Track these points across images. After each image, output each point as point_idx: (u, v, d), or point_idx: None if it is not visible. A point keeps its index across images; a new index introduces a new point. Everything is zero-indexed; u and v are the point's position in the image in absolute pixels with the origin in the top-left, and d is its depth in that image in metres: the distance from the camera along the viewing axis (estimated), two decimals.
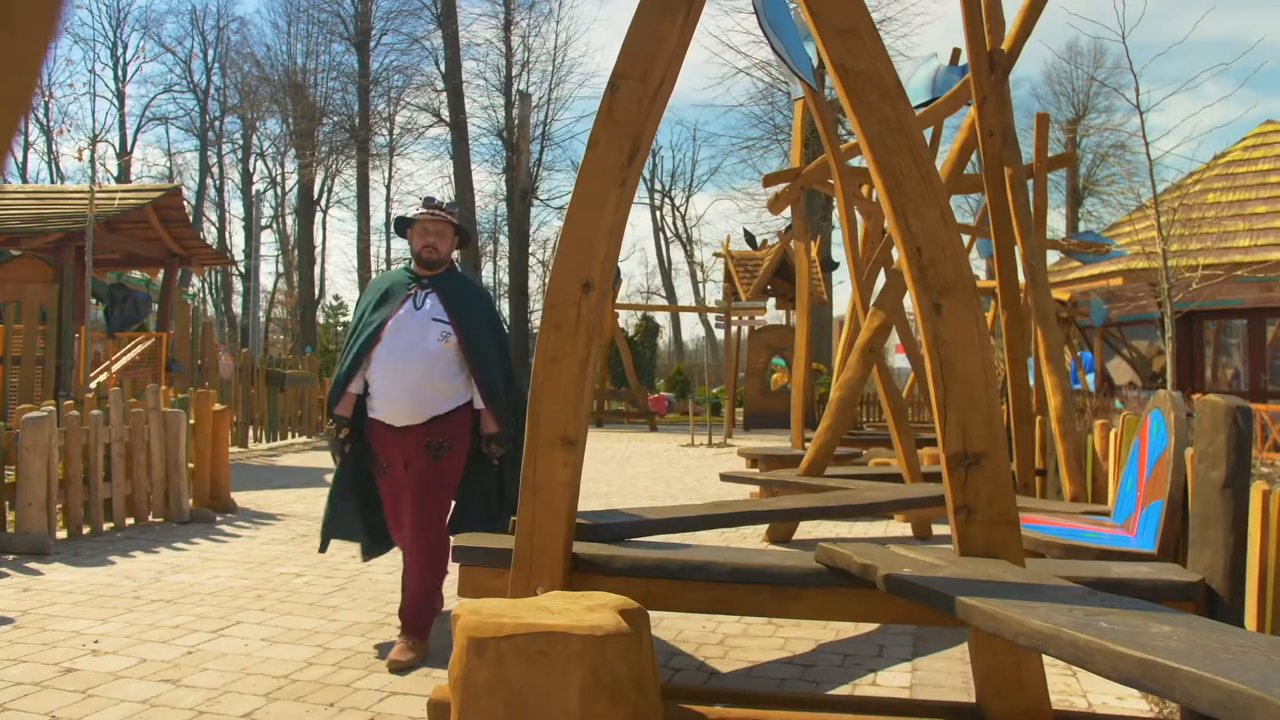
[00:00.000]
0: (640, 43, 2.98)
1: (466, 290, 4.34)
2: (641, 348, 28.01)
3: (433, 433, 4.07)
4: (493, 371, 4.16)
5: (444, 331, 4.09)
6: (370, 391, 4.12)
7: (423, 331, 4.08)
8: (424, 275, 4.25)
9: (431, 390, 4.05)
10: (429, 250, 4.25)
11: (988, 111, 6.28)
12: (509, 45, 34.47)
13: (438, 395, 4.07)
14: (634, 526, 3.68)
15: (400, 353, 4.05)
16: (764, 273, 21.10)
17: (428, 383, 4.05)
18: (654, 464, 12.99)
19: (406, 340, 4.07)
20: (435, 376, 4.06)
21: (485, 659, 2.41)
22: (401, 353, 4.05)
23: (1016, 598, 2.41)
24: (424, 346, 4.06)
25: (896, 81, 3.06)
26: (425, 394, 4.04)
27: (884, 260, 8.88)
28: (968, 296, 2.99)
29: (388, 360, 4.06)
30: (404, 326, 4.10)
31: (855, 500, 5.01)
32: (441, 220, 4.28)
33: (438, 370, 4.07)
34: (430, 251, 4.25)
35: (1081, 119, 34.49)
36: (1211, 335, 17.81)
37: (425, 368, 4.04)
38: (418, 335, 4.07)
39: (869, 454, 9.38)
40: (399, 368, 4.04)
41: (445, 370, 4.09)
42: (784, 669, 3.84)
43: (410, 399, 4.03)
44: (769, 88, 33.27)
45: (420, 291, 4.19)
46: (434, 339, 4.08)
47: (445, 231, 4.30)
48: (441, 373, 4.07)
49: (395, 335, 4.07)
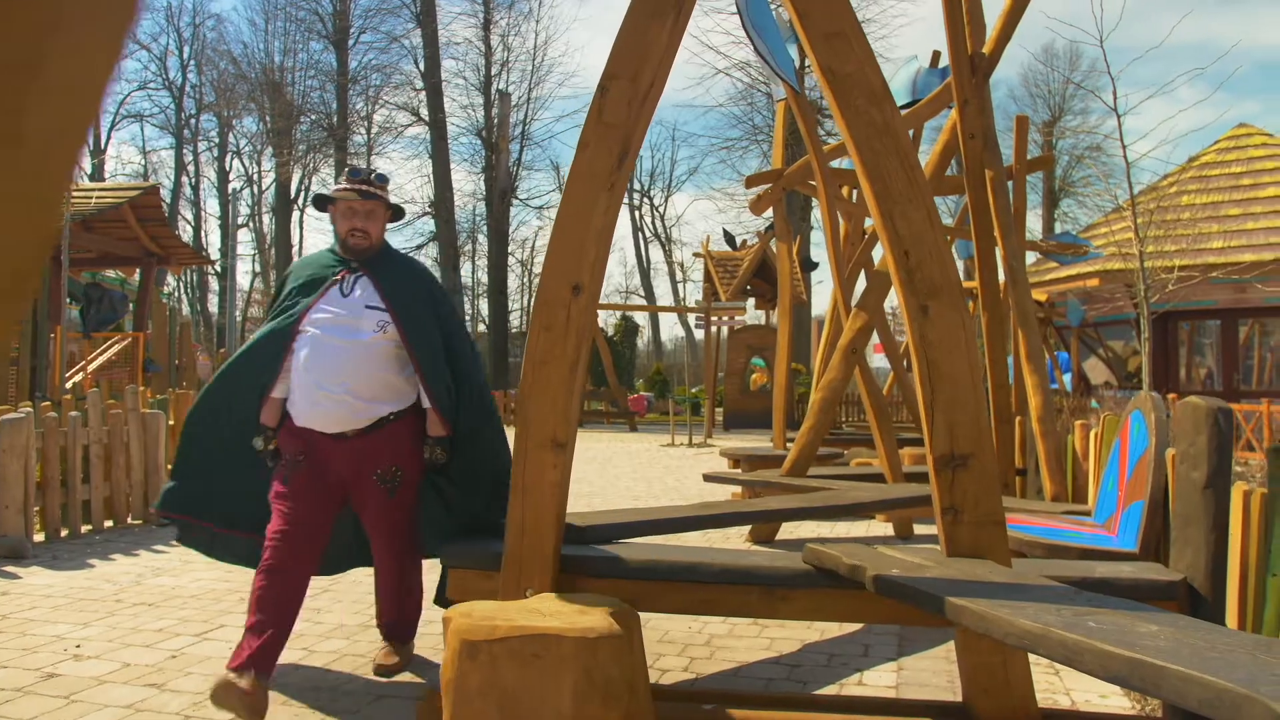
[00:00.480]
0: (630, 45, 2.99)
1: (404, 271, 3.71)
2: (621, 348, 28.03)
3: (378, 455, 3.51)
4: (438, 365, 3.58)
5: (380, 321, 3.50)
6: (293, 395, 3.51)
7: (354, 322, 3.49)
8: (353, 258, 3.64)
9: (369, 392, 3.48)
10: (357, 236, 3.58)
11: (969, 114, 6.32)
12: (488, 44, 34.44)
13: (376, 397, 3.50)
14: (622, 528, 3.68)
15: (327, 348, 3.45)
16: (744, 273, 21.17)
17: (363, 383, 3.46)
18: (635, 464, 13.01)
19: (334, 333, 3.47)
20: (373, 374, 3.49)
21: (478, 662, 2.41)
22: (328, 348, 3.45)
23: (1004, 598, 2.43)
24: (357, 339, 3.47)
25: (883, 84, 3.08)
26: (362, 396, 3.46)
27: (864, 261, 8.93)
28: (954, 298, 3.02)
29: (313, 357, 3.44)
30: (331, 317, 3.50)
31: (839, 501, 5.04)
32: (372, 198, 3.58)
33: (375, 366, 3.49)
34: (359, 238, 3.58)
35: (1057, 121, 34.79)
36: (1185, 336, 18.02)
37: (359, 364, 3.46)
38: (348, 326, 3.48)
39: (850, 454, 9.43)
40: (328, 366, 3.43)
41: (385, 366, 3.51)
42: (771, 669, 3.86)
43: (339, 404, 3.44)
44: (748, 88, 33.43)
45: (349, 276, 3.57)
46: (369, 330, 3.49)
47: (376, 211, 3.61)
48: (380, 369, 3.50)
49: (320, 327, 3.47)
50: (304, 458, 3.47)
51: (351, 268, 3.59)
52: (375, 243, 3.63)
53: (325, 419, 3.45)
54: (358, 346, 3.46)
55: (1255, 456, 11.16)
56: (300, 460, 3.48)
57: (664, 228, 45.39)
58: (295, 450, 3.49)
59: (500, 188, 32.59)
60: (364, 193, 3.56)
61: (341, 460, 3.49)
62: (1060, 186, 34.52)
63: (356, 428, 3.47)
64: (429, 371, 3.55)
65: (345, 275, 3.58)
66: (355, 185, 3.57)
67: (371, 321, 3.49)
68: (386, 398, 3.51)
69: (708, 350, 21.96)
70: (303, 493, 3.46)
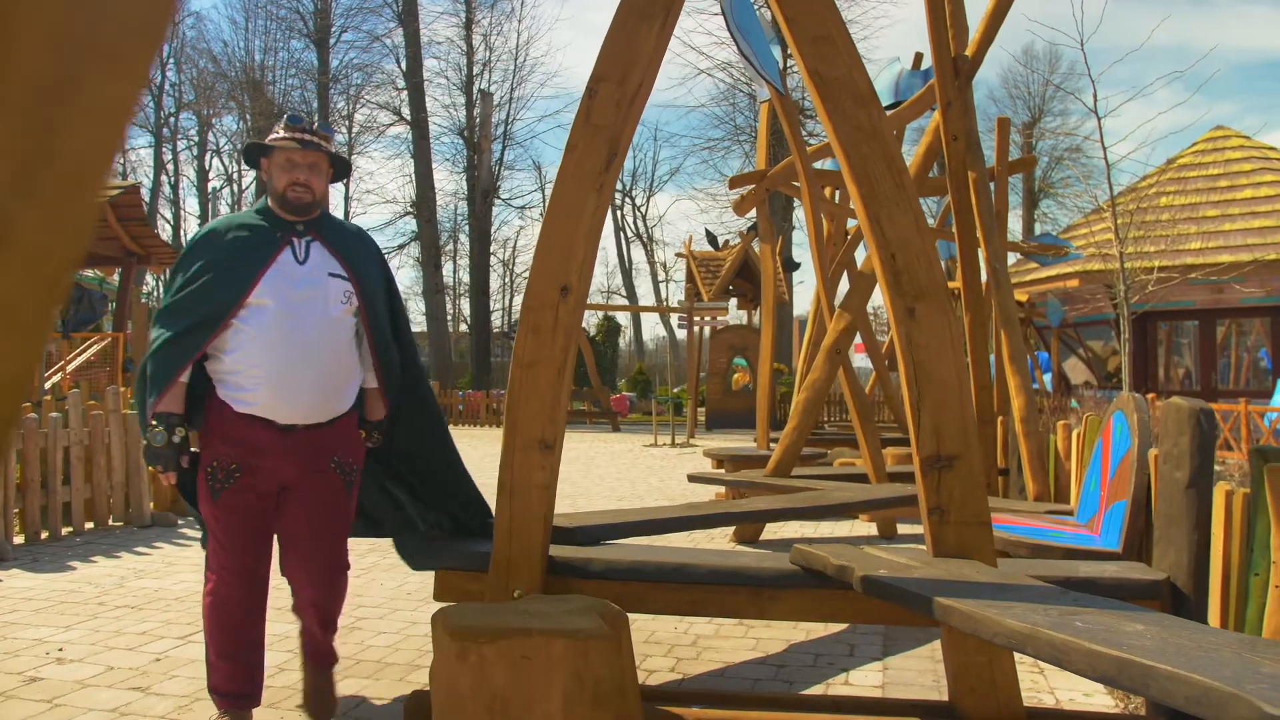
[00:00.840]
0: (618, 48, 3.00)
1: (355, 237, 3.27)
2: (603, 348, 28.03)
3: (332, 444, 3.11)
4: (390, 344, 3.26)
5: (345, 291, 3.08)
6: (239, 380, 2.96)
7: (318, 293, 3.03)
8: (293, 220, 3.10)
9: (341, 376, 3.10)
10: (298, 191, 3.06)
11: (952, 116, 6.36)
12: (470, 44, 34.33)
13: (347, 382, 3.14)
14: (609, 529, 3.69)
15: (297, 324, 2.97)
16: (726, 273, 21.22)
17: (335, 365, 3.07)
18: (618, 465, 13.01)
19: (301, 306, 2.99)
20: (341, 355, 3.09)
21: (468, 663, 2.41)
22: (295, 324, 2.97)
23: (991, 598, 2.45)
24: (325, 313, 3.03)
25: (870, 88, 3.10)
26: (335, 381, 3.08)
27: (847, 262, 8.97)
28: (941, 301, 3.04)
29: (281, 333, 2.95)
30: (293, 286, 3.00)
31: (824, 501, 5.06)
32: (314, 148, 3.10)
33: (343, 346, 3.10)
34: (300, 193, 3.06)
35: (1037, 122, 35.01)
36: (1164, 336, 18.17)
37: (330, 343, 3.04)
38: (313, 299, 3.02)
39: (833, 454, 9.46)
40: (297, 344, 2.96)
41: (349, 345, 3.13)
42: (757, 669, 3.87)
43: (315, 389, 3.01)
44: (730, 89, 33.50)
45: (298, 240, 3.07)
46: (336, 303, 3.06)
47: (319, 165, 3.12)
48: (346, 349, 3.12)
49: (280, 300, 2.97)
50: (237, 465, 2.99)
51: (298, 230, 3.08)
52: (318, 199, 3.13)
53: (291, 408, 2.98)
54: (327, 323, 3.03)
55: (1233, 455, 11.28)
56: (235, 470, 2.99)
57: (646, 228, 45.39)
58: (230, 454, 2.98)
59: (482, 187, 32.52)
60: (305, 142, 3.09)
61: (283, 456, 3.02)
62: (1040, 187, 34.75)
63: (320, 420, 3.06)
64: (383, 351, 3.20)
65: (293, 238, 3.06)
66: (295, 134, 3.09)
67: (338, 292, 3.06)
68: (352, 382, 3.17)
69: (690, 350, 21.99)
70: (245, 517, 3.01)
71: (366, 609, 4.77)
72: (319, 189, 3.13)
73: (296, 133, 3.10)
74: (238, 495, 2.99)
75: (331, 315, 3.04)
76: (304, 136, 3.10)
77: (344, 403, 3.13)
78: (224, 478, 2.98)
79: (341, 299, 3.06)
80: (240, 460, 2.97)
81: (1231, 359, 18.37)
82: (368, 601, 4.91)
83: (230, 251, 3.00)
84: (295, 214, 3.09)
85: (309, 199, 3.08)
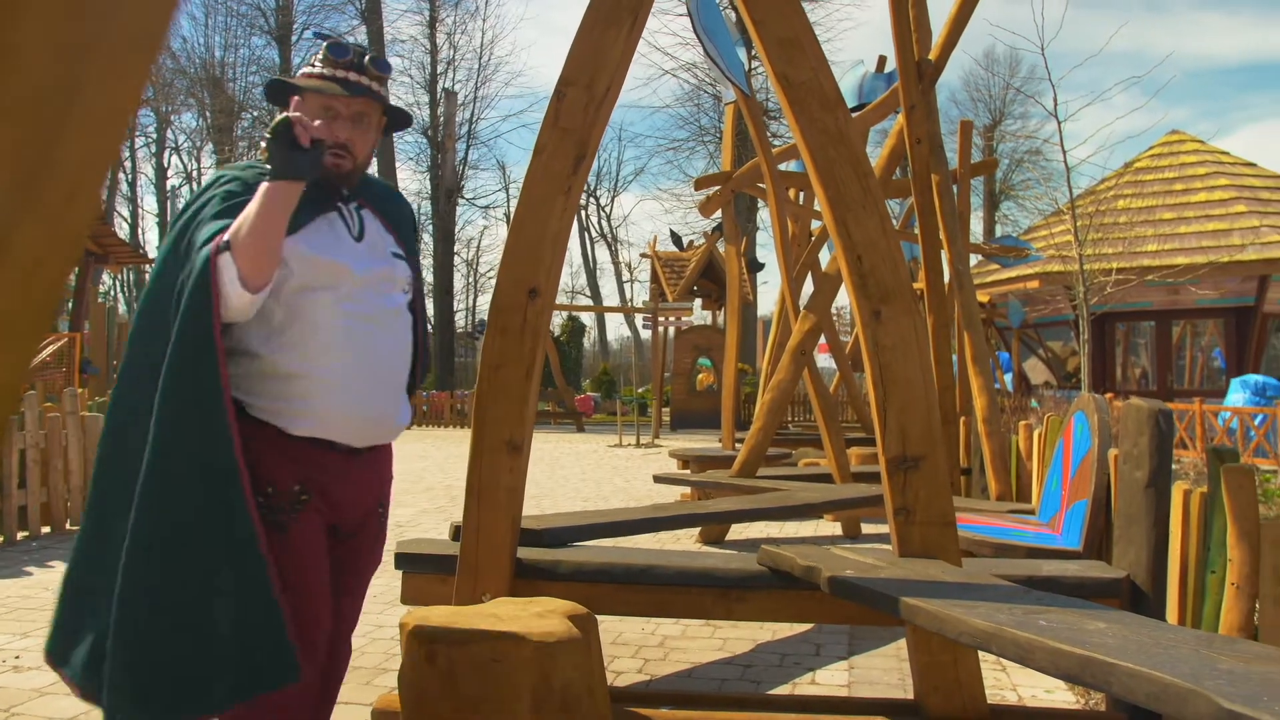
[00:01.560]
0: (585, 51, 3.00)
1: (393, 201, 2.52)
2: (568, 348, 28.00)
3: (384, 474, 2.50)
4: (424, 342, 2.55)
5: (408, 278, 2.43)
6: (288, 390, 2.16)
7: (387, 277, 2.34)
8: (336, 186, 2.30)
9: (403, 383, 2.42)
10: (335, 156, 2.22)
11: (915, 119, 6.42)
12: (434, 42, 34.14)
13: (403, 392, 2.43)
14: (577, 531, 3.69)
15: (363, 317, 2.25)
16: (691, 273, 21.28)
17: (402, 369, 2.41)
18: (583, 465, 13.00)
19: (365, 294, 2.26)
20: (405, 356, 2.42)
21: (436, 667, 2.40)
22: (364, 317, 2.25)
23: (956, 597, 2.48)
24: (394, 304, 2.37)
25: (837, 92, 3.12)
26: (399, 392, 2.40)
27: (812, 263, 9.03)
28: (907, 303, 3.07)
29: (346, 329, 2.21)
30: (356, 268, 2.25)
31: (790, 502, 5.09)
32: (364, 93, 2.25)
33: (406, 344, 2.42)
34: (342, 159, 2.24)
35: (998, 125, 35.42)
36: (1121, 336, 18.48)
37: (401, 341, 2.39)
38: (381, 285, 2.32)
39: (798, 454, 9.52)
40: (368, 344, 2.26)
41: (410, 344, 2.45)
42: (724, 669, 3.89)
43: (387, 401, 2.33)
44: (695, 89, 33.57)
45: (346, 208, 2.31)
46: (400, 290, 2.40)
47: (368, 115, 2.28)
48: (408, 348, 2.44)
49: (345, 283, 2.23)
50: (302, 485, 2.19)
51: (341, 193, 2.31)
52: (361, 166, 2.33)
53: (362, 427, 2.28)
54: (394, 316, 2.36)
55: (1188, 454, 11.49)
56: (301, 491, 2.19)
57: (611, 228, 45.41)
58: (290, 472, 2.18)
59: (446, 187, 32.36)
60: (351, 85, 2.24)
61: (349, 488, 2.31)
62: (1001, 189, 35.16)
63: (388, 440, 2.45)
64: (425, 353, 2.55)
65: (341, 205, 2.30)
66: (339, 72, 2.24)
67: (403, 279, 2.41)
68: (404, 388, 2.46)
69: (655, 351, 22.02)
70: (322, 554, 2.25)
71: None
72: (362, 151, 2.29)
73: (339, 69, 2.24)
74: (313, 517, 2.22)
75: (398, 306, 2.37)
76: (349, 76, 2.24)
77: (406, 417, 2.45)
78: (289, 504, 2.16)
79: (405, 286, 2.41)
80: (304, 479, 2.19)
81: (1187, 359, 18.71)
82: None
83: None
84: (338, 182, 2.27)
85: (348, 166, 2.26)
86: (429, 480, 10.74)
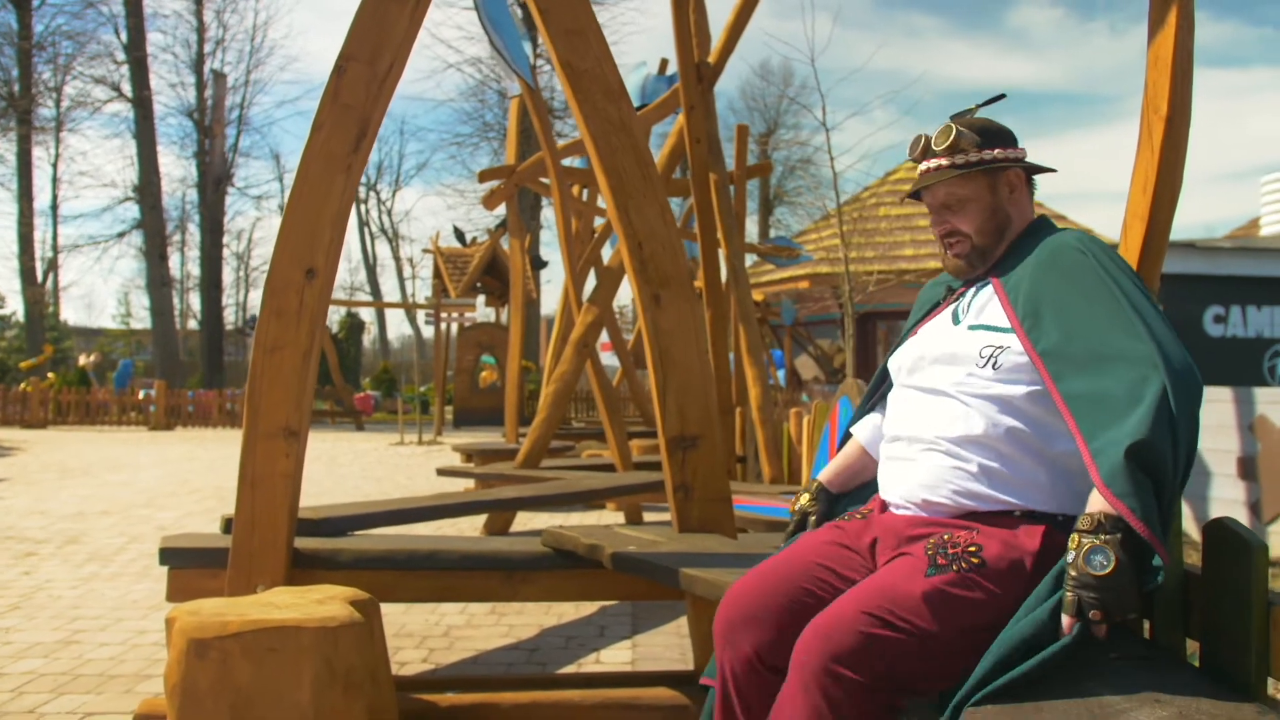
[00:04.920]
0: (368, 26, 2.94)
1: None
2: (346, 345, 27.15)
3: None
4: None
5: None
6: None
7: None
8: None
9: None
10: (951, 248, 2.08)
11: (695, 119, 6.64)
12: (201, 19, 32.18)
13: None
14: (357, 520, 3.60)
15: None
16: (474, 270, 21.09)
17: None
18: (363, 463, 12.64)
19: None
20: None
21: (208, 661, 2.29)
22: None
23: (733, 566, 2.61)
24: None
25: (620, 83, 3.20)
26: None
27: (594, 259, 9.17)
28: (685, 289, 3.19)
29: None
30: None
31: (574, 488, 5.16)
32: (956, 174, 1.98)
33: None
34: (953, 250, 2.07)
35: (772, 134, 37.02)
36: (883, 335, 19.77)
37: None
38: None
39: (581, 446, 9.63)
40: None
41: None
42: (510, 654, 3.90)
43: None
44: (480, 85, 33.28)
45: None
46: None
47: (960, 193, 2.01)
48: None
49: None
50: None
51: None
52: (985, 244, 2.03)
53: None
54: None
55: None
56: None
57: (391, 223, 44.33)
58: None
59: (215, 174, 30.59)
60: (940, 166, 2.01)
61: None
62: (775, 194, 36.78)
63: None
64: None
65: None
66: (923, 159, 2.05)
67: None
68: None
69: (437, 348, 21.67)
70: None
71: (85, 620, 4.41)
72: (976, 229, 2.02)
73: (916, 159, 2.07)
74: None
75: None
76: (924, 165, 2.05)
77: None
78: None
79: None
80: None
81: None
82: (87, 613, 4.54)
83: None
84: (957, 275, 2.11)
85: (959, 257, 2.06)
86: (196, 482, 10.16)
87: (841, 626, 1.69)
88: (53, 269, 36.01)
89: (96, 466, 11.85)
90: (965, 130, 1.98)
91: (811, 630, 1.73)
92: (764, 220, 35.73)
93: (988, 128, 2.00)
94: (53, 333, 31.82)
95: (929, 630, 1.67)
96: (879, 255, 13.85)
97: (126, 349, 38.38)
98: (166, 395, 20.68)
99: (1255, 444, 6.16)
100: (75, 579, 5.22)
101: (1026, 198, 2.05)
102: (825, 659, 1.67)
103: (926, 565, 1.74)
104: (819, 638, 1.70)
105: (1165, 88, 2.23)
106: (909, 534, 1.85)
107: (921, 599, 1.69)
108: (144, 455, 13.61)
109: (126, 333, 41.77)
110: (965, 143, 1.97)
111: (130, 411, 20.94)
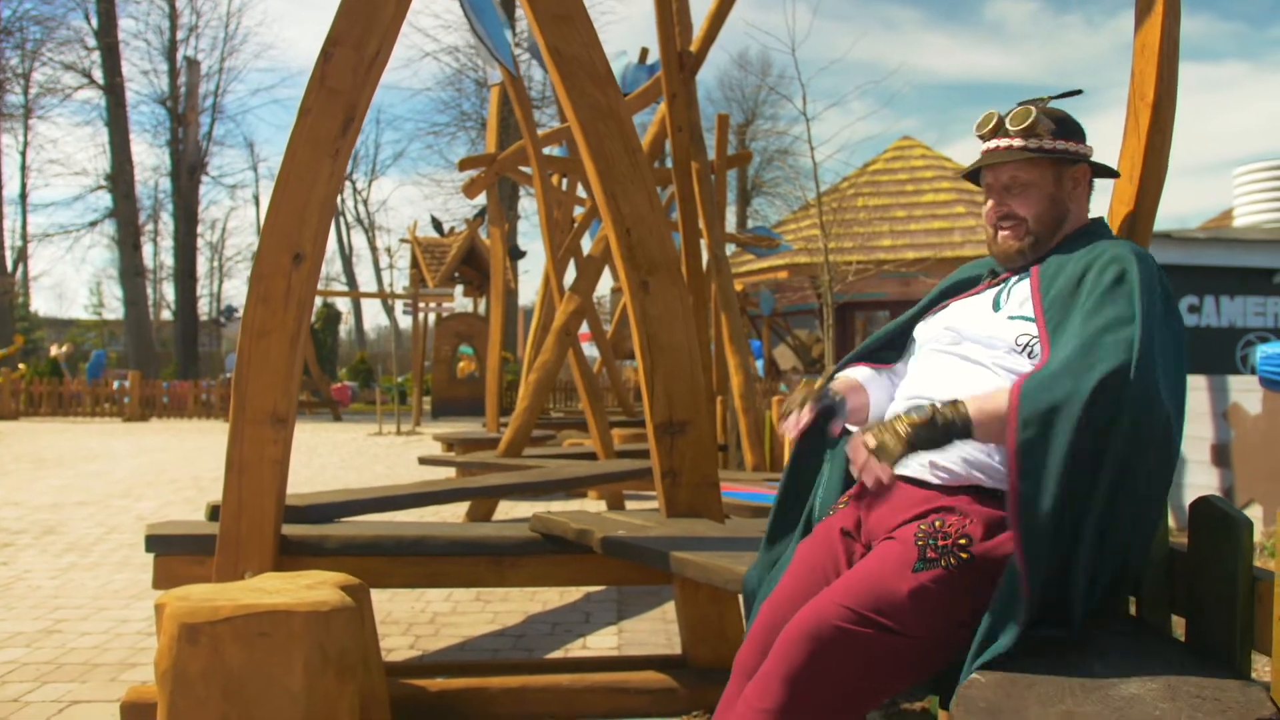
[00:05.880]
0: (356, 9, 2.92)
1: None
2: (323, 336, 27.00)
3: None
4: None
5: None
6: None
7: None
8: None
9: None
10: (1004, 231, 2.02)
11: (677, 108, 6.64)
12: (174, 5, 31.80)
13: None
14: (343, 507, 3.60)
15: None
16: (451, 259, 21.01)
17: None
18: (342, 454, 12.59)
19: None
20: None
21: (199, 646, 2.28)
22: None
23: (722, 550, 2.63)
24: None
25: (608, 68, 3.20)
26: None
27: (575, 248, 9.16)
28: (673, 274, 3.20)
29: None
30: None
31: (556, 476, 5.17)
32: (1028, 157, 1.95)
33: None
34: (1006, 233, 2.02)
35: (751, 124, 37.04)
36: (860, 325, 19.86)
37: None
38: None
39: (562, 436, 9.64)
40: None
41: None
42: (497, 641, 3.91)
43: None
44: (457, 74, 33.07)
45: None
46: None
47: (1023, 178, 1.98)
48: None
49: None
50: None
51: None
52: (1038, 232, 1.99)
53: None
54: None
55: None
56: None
57: (368, 212, 44.01)
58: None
59: (189, 162, 30.30)
60: (1007, 149, 1.98)
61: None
62: (754, 184, 36.83)
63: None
64: None
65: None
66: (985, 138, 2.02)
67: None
68: None
69: (415, 338, 21.60)
70: None
71: (67, 610, 4.38)
72: (1035, 215, 1.98)
73: (985, 135, 2.02)
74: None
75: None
76: (992, 143, 2.00)
77: None
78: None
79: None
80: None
81: None
82: (68, 603, 4.51)
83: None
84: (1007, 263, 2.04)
85: (1012, 241, 2.00)
86: (173, 473, 10.09)
87: (824, 621, 1.69)
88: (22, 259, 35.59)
89: (71, 457, 11.74)
90: (1044, 116, 1.96)
91: (795, 625, 1.72)
92: (742, 210, 35.78)
93: (1065, 118, 1.99)
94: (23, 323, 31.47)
95: (912, 631, 1.68)
96: (858, 246, 13.91)
97: (99, 339, 37.97)
98: (141, 386, 20.50)
99: (1229, 431, 6.24)
100: (54, 569, 5.18)
101: (1086, 196, 2.03)
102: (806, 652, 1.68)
103: (915, 558, 1.72)
104: (802, 632, 1.69)
105: (1152, 75, 2.26)
106: (902, 516, 1.82)
107: (908, 598, 1.68)
108: (120, 446, 13.50)
109: (99, 323, 41.33)
110: (1042, 128, 1.95)
111: (104, 403, 20.74)
